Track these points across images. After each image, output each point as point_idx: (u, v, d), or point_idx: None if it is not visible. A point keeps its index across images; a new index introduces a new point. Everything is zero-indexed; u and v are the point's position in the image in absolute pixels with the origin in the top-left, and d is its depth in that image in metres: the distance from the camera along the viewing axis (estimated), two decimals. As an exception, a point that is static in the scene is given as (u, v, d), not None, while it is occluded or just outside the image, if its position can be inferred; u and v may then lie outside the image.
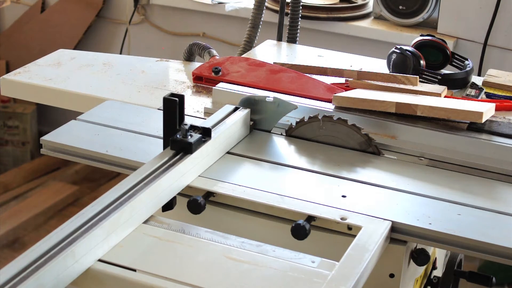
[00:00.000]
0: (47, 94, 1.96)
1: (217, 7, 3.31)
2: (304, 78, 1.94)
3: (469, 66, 2.07)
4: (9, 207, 3.44)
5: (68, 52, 2.21)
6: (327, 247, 1.36)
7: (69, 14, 3.73)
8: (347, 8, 3.14)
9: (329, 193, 1.44)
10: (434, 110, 1.68)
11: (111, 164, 1.54)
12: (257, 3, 2.33)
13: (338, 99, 1.76)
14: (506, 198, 1.48)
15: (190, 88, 1.98)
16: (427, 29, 2.98)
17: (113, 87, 1.95)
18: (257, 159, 1.58)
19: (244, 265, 1.20)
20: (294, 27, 2.41)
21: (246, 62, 2.03)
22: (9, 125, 3.80)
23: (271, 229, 1.42)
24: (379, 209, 1.39)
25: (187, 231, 1.28)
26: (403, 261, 1.38)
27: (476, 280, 1.64)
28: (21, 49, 3.79)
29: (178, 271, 1.17)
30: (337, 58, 2.27)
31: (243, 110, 1.67)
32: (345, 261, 1.20)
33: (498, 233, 1.33)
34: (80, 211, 1.21)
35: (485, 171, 1.58)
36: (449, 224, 1.35)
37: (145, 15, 3.60)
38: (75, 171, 3.72)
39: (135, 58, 2.20)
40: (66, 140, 1.58)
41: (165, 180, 1.35)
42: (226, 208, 1.45)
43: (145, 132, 1.64)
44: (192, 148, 1.43)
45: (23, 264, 1.07)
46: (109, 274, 1.16)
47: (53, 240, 1.13)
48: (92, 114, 1.72)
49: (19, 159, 3.82)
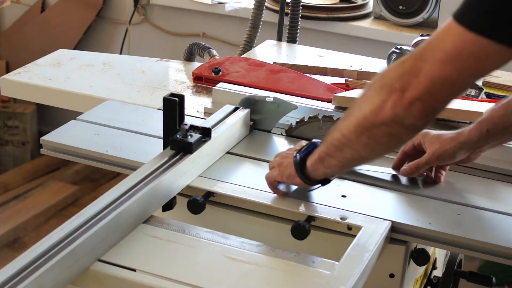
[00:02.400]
0: (47, 94, 1.96)
1: (217, 7, 3.31)
2: (304, 78, 1.94)
3: (469, 66, 2.07)
4: (9, 207, 3.44)
5: (68, 52, 2.21)
6: (327, 247, 1.36)
7: (69, 14, 3.73)
8: (347, 8, 3.14)
9: (329, 193, 1.44)
10: (434, 110, 1.68)
11: (111, 164, 1.54)
12: (257, 3, 2.33)
13: (338, 99, 1.76)
14: (506, 198, 1.48)
15: (190, 88, 1.98)
16: (427, 29, 2.98)
17: (113, 87, 1.95)
18: (257, 159, 1.58)
19: (244, 265, 1.20)
20: (294, 27, 2.41)
21: (246, 62, 2.02)
22: (9, 125, 3.80)
23: (271, 229, 1.42)
24: (379, 209, 1.39)
25: (187, 231, 1.28)
26: (403, 261, 1.38)
27: (476, 280, 1.64)
28: (21, 49, 3.79)
29: (178, 271, 1.17)
30: (337, 58, 2.27)
31: (243, 110, 1.67)
32: (345, 261, 1.20)
33: (498, 233, 1.33)
34: (80, 211, 1.21)
35: (485, 171, 1.58)
36: (449, 224, 1.35)
37: (145, 15, 3.59)
38: (75, 171, 3.71)
39: (135, 58, 2.20)
40: (66, 140, 1.58)
41: (165, 180, 1.35)
42: (226, 208, 1.45)
43: (145, 132, 1.64)
44: (192, 148, 1.43)
45: (23, 264, 1.07)
46: (109, 274, 1.16)
47: (53, 240, 1.13)
48: (92, 114, 1.72)
49: (19, 159, 3.82)
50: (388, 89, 1.13)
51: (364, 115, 1.17)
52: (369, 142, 1.19)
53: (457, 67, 1.08)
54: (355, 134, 1.20)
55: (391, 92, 1.12)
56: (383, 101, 1.13)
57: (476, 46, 1.07)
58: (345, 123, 1.22)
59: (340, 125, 1.24)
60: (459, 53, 1.08)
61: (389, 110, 1.12)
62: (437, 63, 1.09)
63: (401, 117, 1.12)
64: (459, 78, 1.10)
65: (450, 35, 1.09)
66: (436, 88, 1.10)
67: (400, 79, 1.11)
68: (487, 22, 1.06)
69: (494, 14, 1.06)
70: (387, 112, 1.12)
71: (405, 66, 1.12)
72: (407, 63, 1.12)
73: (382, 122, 1.14)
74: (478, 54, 1.08)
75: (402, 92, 1.11)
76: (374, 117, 1.15)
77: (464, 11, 1.09)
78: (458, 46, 1.08)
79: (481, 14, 1.07)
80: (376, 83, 1.16)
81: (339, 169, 1.32)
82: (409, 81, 1.10)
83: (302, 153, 1.32)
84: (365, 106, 1.17)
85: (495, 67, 1.13)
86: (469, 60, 1.08)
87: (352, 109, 1.21)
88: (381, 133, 1.16)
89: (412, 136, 1.21)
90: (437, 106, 1.13)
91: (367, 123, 1.16)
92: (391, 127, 1.14)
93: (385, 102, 1.12)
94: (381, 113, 1.13)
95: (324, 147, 1.29)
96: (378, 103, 1.14)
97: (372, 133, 1.17)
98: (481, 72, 1.14)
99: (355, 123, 1.19)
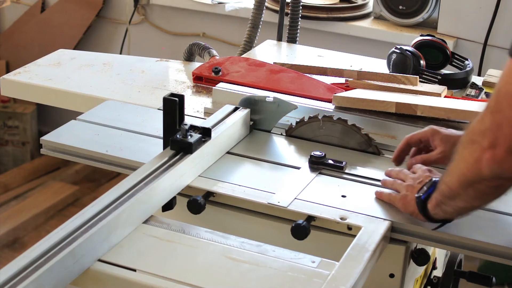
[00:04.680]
0: (47, 94, 1.96)
1: (217, 7, 3.31)
2: (304, 78, 1.94)
3: (469, 66, 2.07)
4: (9, 207, 3.44)
5: (68, 52, 2.21)
6: (327, 247, 1.36)
7: (69, 14, 3.73)
8: (347, 8, 3.14)
9: (329, 193, 1.44)
10: (434, 110, 1.68)
11: (111, 164, 1.54)
12: (257, 3, 2.33)
13: (338, 99, 1.76)
14: (506, 198, 1.48)
15: (190, 88, 1.98)
16: (427, 29, 2.98)
17: (113, 87, 1.95)
18: (257, 159, 1.58)
19: (244, 265, 1.20)
20: (294, 27, 2.41)
21: (246, 62, 2.03)
22: (9, 125, 3.80)
23: (271, 229, 1.42)
24: (379, 209, 1.39)
25: (187, 231, 1.28)
26: (403, 261, 1.38)
27: (476, 280, 1.64)
28: (21, 49, 3.79)
29: (178, 271, 1.17)
30: (337, 58, 2.27)
31: (243, 110, 1.67)
32: (345, 261, 1.20)
33: (498, 233, 1.33)
34: (80, 211, 1.21)
35: (485, 171, 1.58)
36: (449, 224, 1.34)
37: (145, 15, 3.59)
38: (75, 171, 3.71)
39: (135, 58, 2.20)
40: (66, 140, 1.58)
41: (165, 180, 1.35)
42: (226, 208, 1.45)
43: (145, 132, 1.64)
44: (192, 148, 1.43)
45: (23, 264, 1.07)
46: (109, 274, 1.16)
47: (53, 240, 1.13)
48: (92, 114, 1.72)
49: (19, 159, 3.82)
50: (478, 147, 1.14)
51: (463, 173, 1.19)
52: (477, 194, 1.21)
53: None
54: (461, 188, 1.22)
55: (482, 151, 1.13)
56: (477, 160, 1.14)
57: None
58: (449, 178, 1.25)
59: (445, 178, 1.27)
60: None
61: (485, 169, 1.14)
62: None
63: (498, 173, 1.13)
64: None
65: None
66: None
67: (486, 137, 1.12)
68: None
69: None
70: (484, 171, 1.14)
71: (486, 122, 1.13)
72: (487, 118, 1.13)
73: (482, 178, 1.16)
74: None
75: (492, 150, 1.11)
76: (473, 175, 1.17)
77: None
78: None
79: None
80: (465, 139, 1.18)
81: (457, 215, 1.32)
82: (495, 136, 1.11)
83: (423, 196, 1.33)
84: (462, 164, 1.19)
85: None
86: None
87: (452, 165, 1.24)
88: (485, 187, 1.18)
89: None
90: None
91: (469, 180, 1.19)
92: (492, 182, 1.16)
93: (479, 162, 1.14)
94: (479, 172, 1.15)
95: (438, 195, 1.30)
96: (473, 162, 1.16)
97: (476, 187, 1.19)
98: None
99: (457, 180, 1.22)
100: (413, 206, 1.35)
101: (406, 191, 1.38)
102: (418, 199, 1.34)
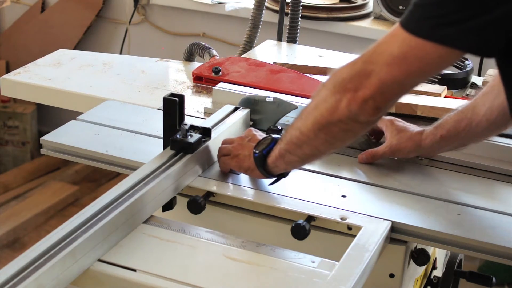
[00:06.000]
0: (47, 94, 1.96)
1: (217, 7, 3.31)
2: (304, 78, 1.94)
3: (469, 66, 2.07)
4: (9, 207, 3.44)
5: (68, 52, 2.21)
6: (327, 247, 1.36)
7: (69, 14, 3.73)
8: (347, 8, 3.14)
9: (329, 193, 1.44)
10: (434, 110, 1.68)
11: (111, 164, 1.54)
12: (257, 3, 2.33)
13: (338, 99, 1.76)
14: (506, 198, 1.48)
15: (190, 88, 1.98)
16: (427, 29, 2.98)
17: (113, 87, 1.95)
18: (257, 159, 1.57)
19: (244, 265, 1.20)
20: (294, 27, 2.41)
21: (246, 62, 2.03)
22: (9, 125, 3.80)
23: (271, 229, 1.42)
24: (379, 209, 1.39)
25: (187, 231, 1.28)
26: (403, 261, 1.38)
27: (476, 280, 1.64)
28: (21, 49, 3.79)
29: (178, 271, 1.17)
30: (337, 58, 2.27)
31: (243, 110, 1.67)
32: (345, 261, 1.20)
33: (498, 233, 1.33)
34: (80, 211, 1.21)
35: (485, 171, 1.58)
36: (449, 224, 1.35)
37: (145, 15, 3.59)
38: (75, 171, 3.71)
39: (135, 58, 2.20)
40: (66, 140, 1.58)
41: (165, 180, 1.35)
42: (226, 208, 1.45)
43: (145, 132, 1.64)
44: (192, 148, 1.43)
45: (23, 264, 1.07)
46: (109, 274, 1.16)
47: (53, 240, 1.13)
48: (92, 114, 1.72)
49: (19, 159, 3.82)
50: (342, 89, 1.21)
51: (321, 114, 1.25)
52: (327, 138, 1.28)
53: (404, 70, 1.17)
54: (313, 132, 1.28)
55: (345, 92, 1.21)
56: (338, 100, 1.22)
57: (420, 49, 1.14)
58: (303, 122, 1.30)
59: (297, 123, 1.32)
60: (405, 57, 1.16)
61: (344, 108, 1.21)
62: (386, 66, 1.17)
63: (356, 114, 1.20)
64: (406, 79, 1.18)
65: (396, 40, 1.17)
66: (385, 88, 1.18)
67: (352, 80, 1.20)
68: (428, 27, 1.13)
69: (434, 19, 1.13)
70: (342, 111, 1.21)
71: (356, 67, 1.21)
72: (358, 65, 1.21)
73: (339, 119, 1.23)
74: (422, 57, 1.15)
75: (355, 92, 1.19)
76: (330, 115, 1.23)
77: (408, 18, 1.16)
78: (404, 50, 1.16)
79: (422, 20, 1.14)
80: (329, 83, 1.25)
81: (299, 164, 1.40)
82: (361, 82, 1.19)
83: (265, 151, 1.39)
84: (321, 105, 1.25)
85: (441, 68, 1.27)
86: (415, 63, 1.16)
87: (308, 108, 1.29)
88: (338, 129, 1.25)
89: (366, 130, 1.31)
90: (388, 103, 1.22)
91: (325, 121, 1.25)
92: (347, 124, 1.23)
93: (340, 102, 1.21)
94: (337, 112, 1.22)
95: (284, 144, 1.36)
96: (333, 103, 1.22)
97: (330, 130, 1.26)
98: (427, 73, 1.22)
99: (312, 122, 1.27)
100: (248, 162, 1.41)
101: (237, 150, 1.44)
102: (259, 154, 1.39)
